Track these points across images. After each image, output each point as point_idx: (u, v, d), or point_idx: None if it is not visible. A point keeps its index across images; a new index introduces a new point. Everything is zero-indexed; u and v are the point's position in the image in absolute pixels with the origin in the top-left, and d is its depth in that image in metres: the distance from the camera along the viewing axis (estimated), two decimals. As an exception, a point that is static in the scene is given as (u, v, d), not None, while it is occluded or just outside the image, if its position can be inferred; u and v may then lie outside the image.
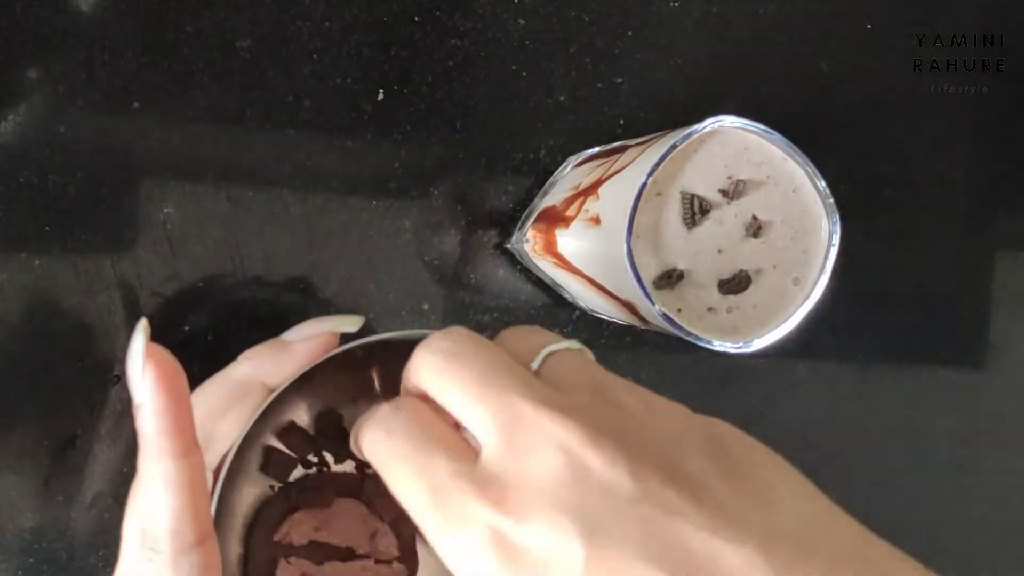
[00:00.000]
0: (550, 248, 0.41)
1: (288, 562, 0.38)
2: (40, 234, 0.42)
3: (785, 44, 0.49)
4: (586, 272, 0.40)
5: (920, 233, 0.51)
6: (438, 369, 0.27)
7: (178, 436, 0.29)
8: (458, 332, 0.28)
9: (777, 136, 0.36)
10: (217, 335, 0.44)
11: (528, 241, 0.43)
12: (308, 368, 0.35)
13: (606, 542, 0.24)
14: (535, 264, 0.44)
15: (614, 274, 0.37)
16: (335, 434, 0.39)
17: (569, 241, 0.40)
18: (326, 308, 0.45)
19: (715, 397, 0.49)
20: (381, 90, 0.45)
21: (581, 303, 0.45)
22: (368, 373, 0.39)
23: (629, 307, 0.38)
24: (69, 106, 0.42)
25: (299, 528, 0.38)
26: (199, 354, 0.44)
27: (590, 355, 0.29)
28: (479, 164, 0.46)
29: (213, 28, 0.43)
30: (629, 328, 0.47)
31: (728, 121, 0.35)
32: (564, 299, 0.46)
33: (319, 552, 0.38)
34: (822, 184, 0.37)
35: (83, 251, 0.42)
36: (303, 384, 0.35)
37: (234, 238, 0.44)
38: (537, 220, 0.43)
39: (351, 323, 0.37)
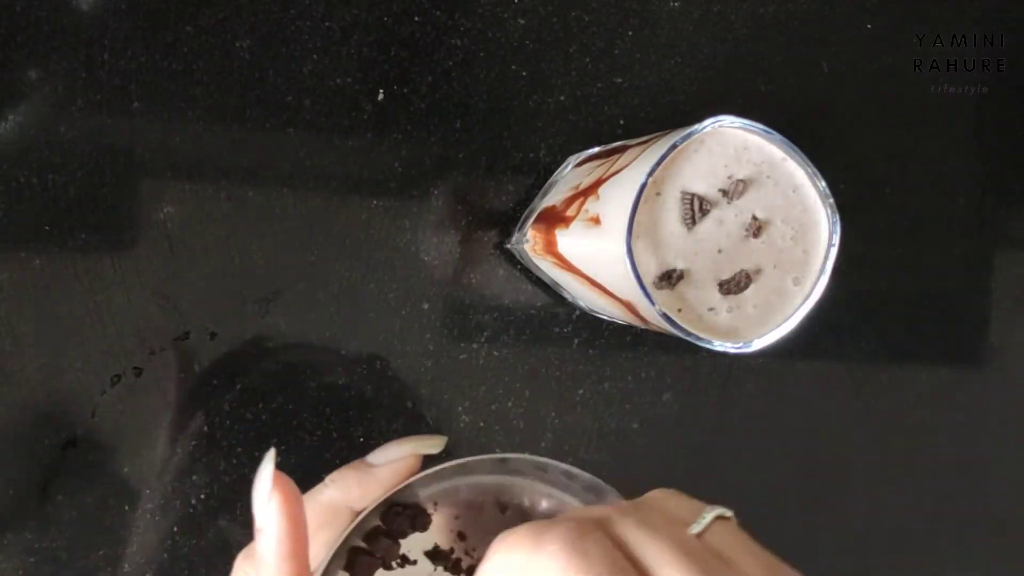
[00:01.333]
0: (550, 248, 0.41)
1: None
2: (40, 234, 0.42)
3: (785, 44, 0.49)
4: (586, 272, 0.40)
5: (920, 233, 0.51)
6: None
7: (295, 561, 0.31)
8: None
9: (777, 136, 0.36)
10: (217, 335, 0.44)
11: (528, 241, 0.43)
12: (393, 491, 0.36)
13: None
14: (535, 264, 0.44)
15: (614, 274, 0.37)
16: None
17: (569, 241, 0.40)
18: (327, 309, 0.45)
19: (715, 397, 0.49)
20: (381, 90, 0.45)
21: (581, 303, 0.45)
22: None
23: (629, 307, 0.38)
24: (69, 106, 0.42)
25: None
26: (198, 354, 0.44)
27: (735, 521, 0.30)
28: (479, 164, 0.46)
29: (213, 28, 0.43)
30: (629, 328, 0.47)
31: (728, 121, 0.35)
32: (564, 299, 0.46)
33: None
34: (822, 184, 0.37)
35: (83, 251, 0.42)
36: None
37: (234, 238, 0.44)
38: (537, 220, 0.43)
39: (434, 445, 0.38)
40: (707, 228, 0.37)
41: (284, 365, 0.44)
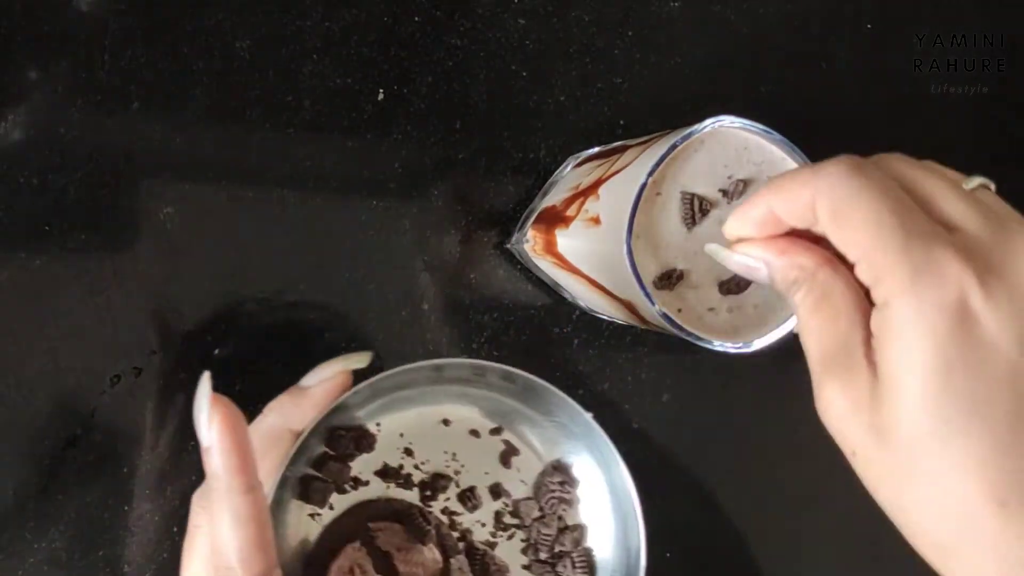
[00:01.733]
0: (550, 248, 0.41)
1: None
2: (40, 234, 0.42)
3: (785, 44, 0.49)
4: (586, 272, 0.40)
5: (920, 233, 0.51)
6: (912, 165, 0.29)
7: (244, 474, 0.32)
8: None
9: (777, 136, 0.36)
10: (218, 335, 0.44)
11: (528, 241, 0.43)
12: (329, 408, 0.37)
13: None
14: (535, 264, 0.44)
15: (614, 274, 0.37)
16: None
17: (569, 241, 0.40)
18: (327, 309, 0.45)
19: (715, 397, 0.49)
20: (381, 90, 0.45)
21: (581, 303, 0.45)
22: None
23: (629, 307, 0.38)
24: (69, 106, 0.42)
25: (349, 555, 0.39)
26: (199, 354, 0.44)
27: None
28: (479, 164, 0.46)
29: (213, 28, 0.43)
30: (629, 328, 0.47)
31: (728, 121, 0.35)
32: (564, 299, 0.46)
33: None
34: (822, 184, 0.37)
35: (83, 251, 0.42)
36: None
37: (234, 238, 0.44)
38: (537, 220, 0.43)
39: (360, 360, 0.39)
40: (707, 228, 0.37)
41: (283, 366, 0.44)
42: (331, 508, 0.40)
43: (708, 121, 0.35)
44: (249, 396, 0.44)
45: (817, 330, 0.29)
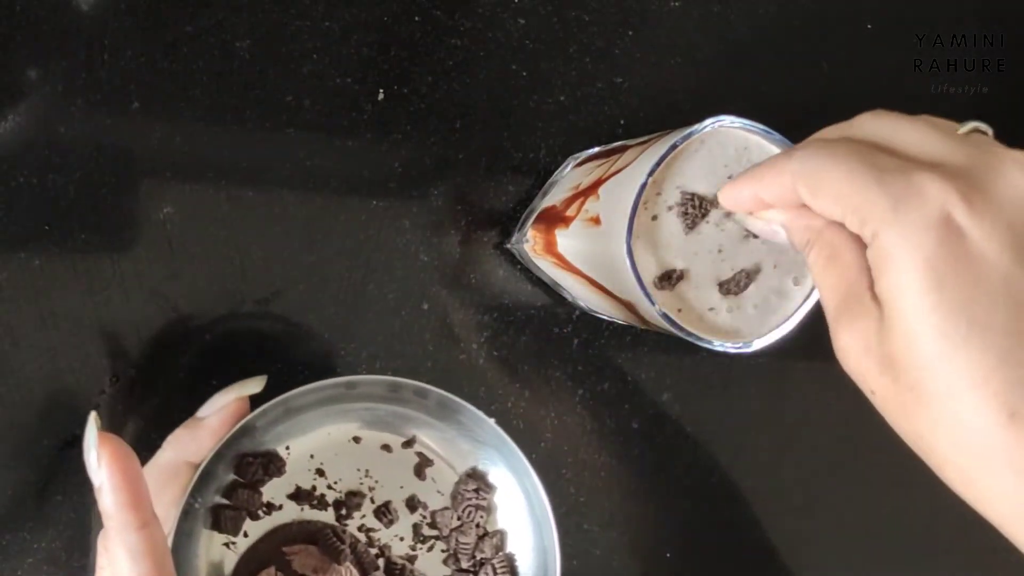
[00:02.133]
0: (550, 248, 0.41)
1: None
2: (40, 234, 0.42)
3: (785, 44, 0.49)
4: (586, 272, 0.40)
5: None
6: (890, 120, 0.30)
7: (136, 510, 0.32)
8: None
9: (777, 136, 0.36)
10: (217, 335, 0.44)
11: (528, 241, 0.43)
12: (227, 436, 0.37)
13: None
14: (535, 264, 0.44)
15: (614, 274, 0.37)
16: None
17: (569, 241, 0.40)
18: (327, 309, 0.45)
19: (715, 397, 0.49)
20: (381, 90, 0.45)
21: (581, 303, 0.45)
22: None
23: (629, 307, 0.38)
24: (69, 106, 0.42)
25: None
26: (199, 354, 0.44)
27: None
28: (479, 164, 0.46)
29: (213, 28, 0.43)
30: (629, 328, 0.47)
31: (728, 121, 0.35)
32: (564, 299, 0.46)
33: None
34: (822, 184, 0.37)
35: (83, 251, 0.42)
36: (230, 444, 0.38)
37: (234, 238, 0.44)
38: (537, 220, 0.43)
39: (254, 385, 0.39)
40: (707, 228, 0.37)
41: (283, 366, 0.44)
42: (246, 535, 0.40)
43: (708, 121, 0.35)
44: (249, 396, 0.44)
45: (830, 283, 0.30)
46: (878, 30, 0.49)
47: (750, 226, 0.35)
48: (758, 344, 0.37)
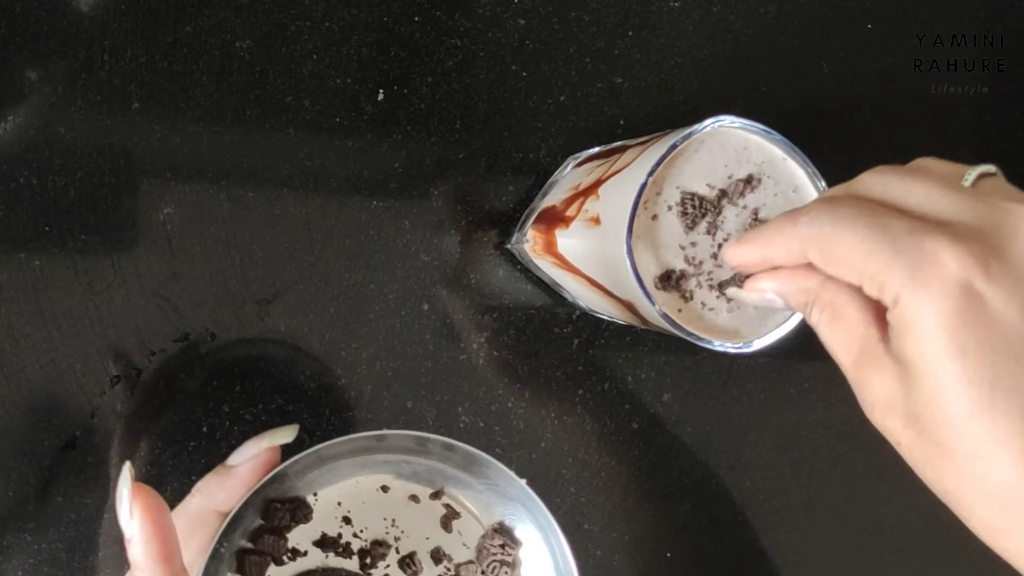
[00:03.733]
0: (550, 248, 0.41)
1: None
2: (40, 234, 0.42)
3: (785, 44, 0.49)
4: (586, 272, 0.40)
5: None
6: (892, 175, 0.30)
7: (166, 562, 0.32)
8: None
9: (777, 136, 0.36)
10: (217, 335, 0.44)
11: (528, 241, 0.43)
12: (258, 485, 0.37)
13: None
14: (535, 264, 0.44)
15: (614, 274, 0.37)
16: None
17: (569, 241, 0.40)
18: (327, 310, 0.45)
19: (715, 397, 0.49)
20: (381, 90, 0.45)
21: (581, 303, 0.45)
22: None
23: (629, 307, 0.38)
24: (69, 106, 0.42)
25: None
26: (199, 355, 0.44)
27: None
28: (479, 164, 0.46)
29: (213, 28, 0.43)
30: (629, 328, 0.47)
31: (728, 121, 0.35)
32: (564, 299, 0.46)
33: None
34: (822, 184, 0.37)
35: (83, 251, 0.42)
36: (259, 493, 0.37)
37: (234, 238, 0.44)
38: (537, 220, 0.43)
39: (286, 434, 0.39)
40: (707, 228, 0.37)
41: (283, 366, 0.44)
42: None
43: (708, 121, 0.35)
44: (249, 397, 0.45)
45: (839, 341, 0.31)
46: (878, 30, 0.49)
47: (744, 300, 0.35)
48: (758, 344, 0.37)
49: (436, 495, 0.42)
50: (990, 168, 0.30)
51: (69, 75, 0.42)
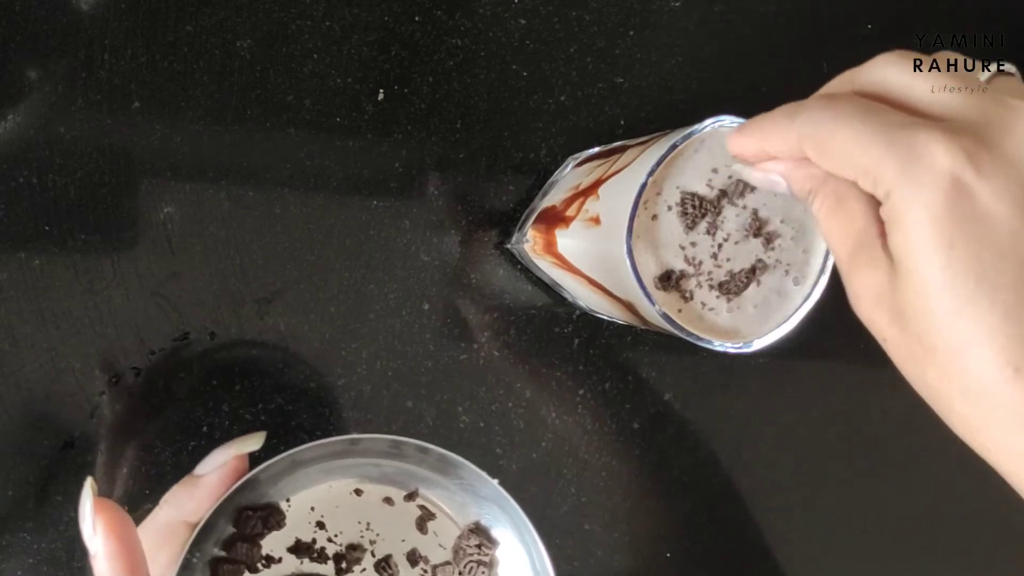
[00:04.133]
0: (550, 248, 0.41)
1: None
2: (40, 234, 0.42)
3: (785, 44, 0.49)
4: (586, 272, 0.40)
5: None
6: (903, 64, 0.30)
7: None
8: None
9: (777, 136, 0.36)
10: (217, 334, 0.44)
11: (528, 241, 0.43)
12: (227, 494, 0.36)
13: None
14: (535, 264, 0.44)
15: (614, 274, 0.37)
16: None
17: (569, 241, 0.40)
18: (327, 309, 0.45)
19: (715, 397, 0.49)
20: (381, 90, 0.45)
21: (581, 303, 0.45)
22: None
23: (629, 307, 0.38)
24: (69, 105, 0.42)
25: None
26: (199, 354, 0.44)
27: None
28: (479, 164, 0.46)
29: (213, 28, 0.43)
30: (629, 328, 0.47)
31: (728, 121, 0.35)
32: (564, 299, 0.46)
33: None
34: (822, 184, 0.37)
35: (83, 251, 0.42)
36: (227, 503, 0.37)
37: (234, 238, 0.44)
38: (537, 220, 0.43)
39: (254, 442, 0.38)
40: (707, 228, 0.37)
41: (283, 366, 0.44)
42: None
43: (708, 121, 0.35)
44: (248, 396, 0.45)
45: (838, 232, 0.30)
46: (878, 30, 0.49)
47: (748, 177, 0.35)
48: (758, 344, 0.37)
49: (410, 497, 0.41)
50: (1011, 68, 0.30)
51: (69, 74, 0.42)
